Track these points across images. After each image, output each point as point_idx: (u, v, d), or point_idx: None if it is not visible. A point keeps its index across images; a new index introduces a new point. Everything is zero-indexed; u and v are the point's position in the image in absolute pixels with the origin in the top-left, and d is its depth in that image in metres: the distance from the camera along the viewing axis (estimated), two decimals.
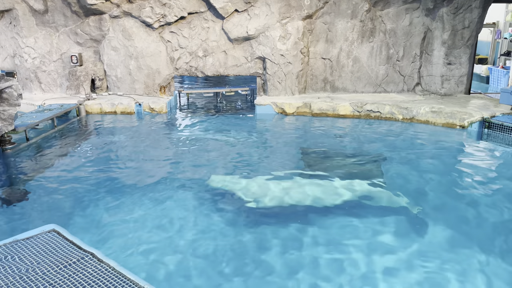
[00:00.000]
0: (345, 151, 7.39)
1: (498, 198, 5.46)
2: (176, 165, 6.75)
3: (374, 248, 4.16)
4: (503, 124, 8.04)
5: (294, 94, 10.80)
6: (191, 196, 5.43)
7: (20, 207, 5.18)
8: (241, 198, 5.34)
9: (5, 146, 7.34)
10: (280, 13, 10.29)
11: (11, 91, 7.14)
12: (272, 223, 4.68)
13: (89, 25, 10.71)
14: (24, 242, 3.35)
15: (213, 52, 10.78)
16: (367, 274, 3.75)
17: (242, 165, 6.68)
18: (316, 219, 4.75)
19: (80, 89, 10.79)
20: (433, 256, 4.02)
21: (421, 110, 9.11)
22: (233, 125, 9.37)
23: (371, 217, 4.80)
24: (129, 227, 4.62)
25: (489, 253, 4.09)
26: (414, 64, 10.69)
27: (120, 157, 7.17)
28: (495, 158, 7.22)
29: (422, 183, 5.91)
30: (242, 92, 12.81)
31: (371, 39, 10.63)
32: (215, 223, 4.71)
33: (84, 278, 2.86)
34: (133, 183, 5.90)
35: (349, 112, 9.75)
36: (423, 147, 7.67)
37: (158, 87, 11.07)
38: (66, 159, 7.05)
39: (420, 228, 4.59)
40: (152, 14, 10.37)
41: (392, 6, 10.38)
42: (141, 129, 9.01)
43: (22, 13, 10.58)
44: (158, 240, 4.37)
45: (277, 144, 7.96)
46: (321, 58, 10.91)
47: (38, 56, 10.95)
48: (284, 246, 4.21)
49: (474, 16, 9.80)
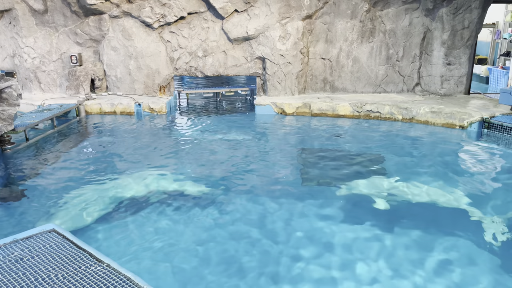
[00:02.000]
0: (345, 151, 7.38)
1: (498, 198, 5.46)
2: (176, 165, 6.75)
3: (373, 247, 4.18)
4: (502, 125, 8.04)
5: (293, 94, 10.80)
6: (191, 195, 5.44)
7: (20, 207, 5.18)
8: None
9: (4, 146, 7.34)
10: (279, 13, 10.29)
11: (10, 91, 7.14)
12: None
13: (89, 25, 10.71)
14: (23, 242, 3.35)
15: (213, 52, 10.78)
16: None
17: (241, 165, 6.68)
18: (310, 218, 4.77)
19: (80, 89, 10.79)
20: (426, 257, 4.03)
21: (420, 110, 9.11)
22: (232, 125, 9.37)
23: (370, 217, 4.81)
24: (128, 227, 4.62)
25: (489, 252, 4.10)
26: (413, 65, 10.70)
27: (120, 158, 7.17)
28: (495, 158, 7.22)
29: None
30: (242, 92, 12.82)
31: (371, 39, 10.64)
32: (216, 224, 4.72)
33: (84, 278, 2.86)
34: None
35: (348, 112, 9.76)
36: (422, 147, 7.67)
37: (158, 87, 11.07)
38: (65, 159, 7.05)
39: (418, 227, 4.60)
40: (152, 14, 10.37)
41: (391, 7, 10.39)
42: (140, 129, 9.01)
43: (21, 13, 10.58)
44: (158, 240, 4.37)
45: (277, 144, 7.96)
46: (321, 58, 10.91)
47: (37, 56, 10.94)
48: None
49: (474, 16, 9.81)
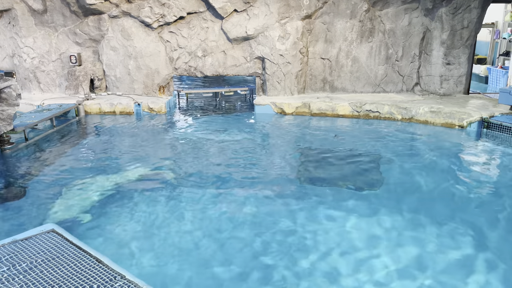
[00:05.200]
0: (344, 150, 7.38)
1: (497, 198, 5.47)
2: (175, 165, 6.75)
3: (372, 246, 4.19)
4: (502, 124, 8.05)
5: (293, 94, 10.80)
6: (190, 196, 5.44)
7: (19, 207, 5.18)
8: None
9: (4, 146, 7.34)
10: (279, 13, 10.29)
11: (10, 91, 7.13)
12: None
13: (88, 25, 10.70)
14: (23, 242, 3.35)
15: (212, 52, 10.78)
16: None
17: (241, 166, 6.68)
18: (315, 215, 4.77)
19: (79, 89, 10.78)
20: (426, 257, 4.04)
21: (420, 110, 9.12)
22: (232, 125, 9.37)
23: (368, 215, 4.81)
24: (127, 227, 4.62)
25: (488, 251, 4.10)
26: (413, 64, 10.70)
27: (119, 157, 7.17)
28: (494, 158, 7.23)
29: (420, 183, 5.92)
30: (241, 92, 12.82)
31: (370, 39, 10.63)
32: (217, 222, 4.72)
33: (84, 278, 2.86)
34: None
35: (348, 112, 9.76)
36: (422, 147, 7.67)
37: (157, 87, 11.06)
38: (65, 159, 7.05)
39: (416, 227, 4.61)
40: (151, 14, 10.37)
41: (391, 6, 10.39)
42: (140, 129, 9.00)
43: (21, 13, 10.57)
44: (158, 240, 4.37)
45: (276, 144, 7.97)
46: (320, 58, 10.91)
47: (37, 56, 10.93)
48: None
49: (473, 16, 9.81)
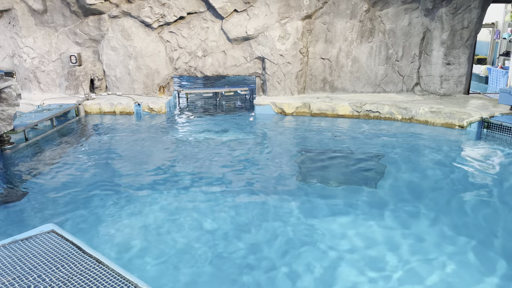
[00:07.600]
0: (344, 150, 7.38)
1: (497, 198, 5.46)
2: (175, 165, 6.75)
3: (372, 245, 4.18)
4: (502, 124, 8.04)
5: (293, 94, 10.80)
6: (190, 196, 5.44)
7: (19, 207, 5.18)
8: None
9: (4, 146, 7.34)
10: (279, 13, 10.28)
11: (10, 91, 7.13)
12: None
13: (88, 25, 10.70)
14: (23, 243, 3.35)
15: (212, 52, 10.78)
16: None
17: (241, 166, 6.68)
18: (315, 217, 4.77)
19: (79, 89, 10.78)
20: (426, 255, 4.03)
21: (420, 110, 9.12)
22: (232, 125, 9.36)
23: (367, 215, 4.81)
24: (127, 227, 4.62)
25: (487, 250, 4.10)
26: (413, 64, 10.70)
27: (119, 158, 7.17)
28: (494, 158, 7.22)
29: (420, 183, 5.92)
30: (242, 92, 12.81)
31: (370, 39, 10.63)
32: (214, 222, 4.72)
33: (83, 279, 2.85)
34: (132, 184, 5.90)
35: (348, 112, 9.76)
36: (422, 147, 7.67)
37: (157, 87, 11.06)
38: (65, 159, 7.04)
39: (417, 227, 4.60)
40: (151, 14, 10.36)
41: (391, 6, 10.39)
42: (140, 129, 9.00)
43: (21, 13, 10.57)
44: (158, 241, 4.37)
45: (276, 144, 7.96)
46: (320, 58, 10.91)
47: (37, 56, 10.93)
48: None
49: (473, 16, 9.80)
